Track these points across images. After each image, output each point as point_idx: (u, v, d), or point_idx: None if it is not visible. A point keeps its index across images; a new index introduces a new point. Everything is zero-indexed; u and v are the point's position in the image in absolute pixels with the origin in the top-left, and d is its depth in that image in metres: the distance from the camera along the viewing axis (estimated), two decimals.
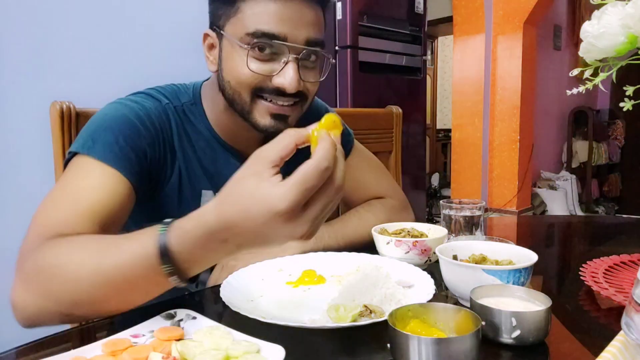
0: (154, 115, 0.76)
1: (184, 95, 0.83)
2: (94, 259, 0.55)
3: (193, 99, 0.83)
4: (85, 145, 0.69)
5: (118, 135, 0.71)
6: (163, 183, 0.79)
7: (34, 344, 0.57)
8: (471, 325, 0.48)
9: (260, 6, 0.70)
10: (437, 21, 5.29)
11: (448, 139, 5.42)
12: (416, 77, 2.80)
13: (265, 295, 0.68)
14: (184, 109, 0.81)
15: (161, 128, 0.77)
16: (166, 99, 0.80)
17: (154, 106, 0.78)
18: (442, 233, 0.81)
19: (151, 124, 0.75)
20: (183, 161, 0.80)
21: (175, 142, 0.79)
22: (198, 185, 0.81)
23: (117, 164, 0.68)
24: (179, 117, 0.80)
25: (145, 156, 0.74)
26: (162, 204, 0.80)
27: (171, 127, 0.79)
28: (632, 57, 0.61)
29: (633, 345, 0.46)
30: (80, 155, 0.69)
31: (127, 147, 0.71)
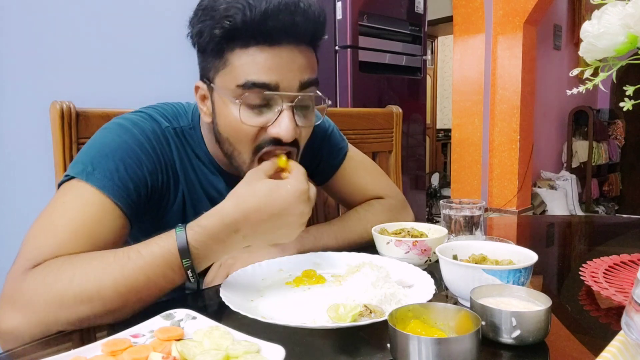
0: (154, 139, 0.75)
1: (183, 118, 0.81)
2: (117, 266, 0.60)
3: (192, 122, 0.81)
4: (84, 171, 0.67)
5: (119, 163, 0.69)
6: (168, 207, 0.79)
7: (34, 344, 0.57)
8: (471, 325, 0.48)
9: (249, 57, 0.67)
10: (437, 21, 5.29)
11: (448, 139, 5.42)
12: (416, 77, 2.80)
13: (265, 295, 0.68)
14: (183, 132, 0.80)
15: (162, 152, 0.76)
16: (166, 121, 0.79)
17: (154, 129, 0.76)
18: (442, 233, 0.81)
19: (152, 150, 0.74)
20: (185, 185, 0.80)
21: (177, 165, 0.79)
22: (200, 208, 0.80)
23: (114, 194, 0.67)
24: (179, 141, 0.79)
25: (146, 184, 0.73)
26: (166, 227, 0.80)
27: (172, 150, 0.78)
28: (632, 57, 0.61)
29: (633, 345, 0.47)
30: (78, 180, 0.67)
31: (126, 177, 0.69)
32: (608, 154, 4.96)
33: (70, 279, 0.58)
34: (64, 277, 0.59)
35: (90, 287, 0.58)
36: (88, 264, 0.60)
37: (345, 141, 1.02)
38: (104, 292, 0.59)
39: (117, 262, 0.60)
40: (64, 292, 0.58)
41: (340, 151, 0.99)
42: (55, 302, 0.58)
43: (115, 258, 0.61)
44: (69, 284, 0.58)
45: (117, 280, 0.59)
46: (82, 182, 0.67)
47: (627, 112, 0.65)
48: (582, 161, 4.81)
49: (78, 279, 0.58)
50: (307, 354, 0.53)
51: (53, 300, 0.58)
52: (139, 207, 0.72)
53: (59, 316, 0.58)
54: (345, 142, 1.02)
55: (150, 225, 0.79)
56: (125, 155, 0.71)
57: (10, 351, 0.56)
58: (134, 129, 0.74)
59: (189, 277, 0.63)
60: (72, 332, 0.59)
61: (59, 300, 0.58)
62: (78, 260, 0.61)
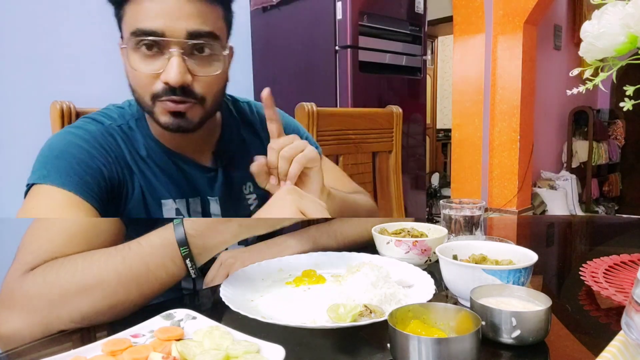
0: (99, 137, 0.76)
1: (128, 113, 0.82)
2: (119, 257, 0.62)
3: (137, 113, 0.82)
4: (41, 176, 0.68)
5: (71, 160, 0.70)
6: (127, 199, 0.79)
7: (34, 344, 0.57)
8: (471, 325, 0.48)
9: (138, 5, 0.69)
10: (437, 21, 5.29)
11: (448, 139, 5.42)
12: (416, 77, 2.80)
13: (265, 295, 0.68)
14: (129, 126, 0.80)
15: (110, 148, 0.76)
16: (108, 120, 0.79)
17: (97, 129, 0.77)
18: (442, 233, 0.81)
19: (99, 145, 0.75)
20: (141, 176, 0.80)
21: (128, 159, 0.79)
22: (158, 195, 0.82)
23: (75, 189, 0.68)
24: (125, 135, 0.79)
25: (103, 177, 0.73)
26: (132, 218, 0.81)
27: (119, 145, 0.78)
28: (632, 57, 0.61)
29: (633, 345, 0.46)
30: (38, 186, 0.68)
31: (81, 171, 0.70)
32: (608, 154, 4.95)
33: (73, 273, 0.60)
34: (65, 272, 0.60)
35: (92, 278, 0.59)
36: (90, 257, 0.62)
37: (319, 148, 1.03)
38: (106, 282, 0.60)
39: (119, 253, 0.63)
40: (67, 286, 0.59)
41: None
42: (57, 297, 0.58)
43: (116, 250, 0.63)
44: (71, 277, 0.59)
45: (118, 269, 0.61)
46: (42, 186, 0.68)
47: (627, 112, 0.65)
48: (582, 161, 4.80)
49: (80, 272, 0.60)
50: (307, 354, 0.53)
51: (55, 296, 0.58)
52: (102, 198, 0.72)
53: (60, 313, 0.58)
54: (319, 148, 1.03)
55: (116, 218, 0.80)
56: (75, 152, 0.72)
57: (10, 351, 0.56)
58: (77, 131, 0.75)
59: (189, 269, 0.64)
60: (72, 332, 0.59)
61: (61, 295, 0.58)
62: (79, 256, 0.63)
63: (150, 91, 0.72)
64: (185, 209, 0.84)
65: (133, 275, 0.61)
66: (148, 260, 0.62)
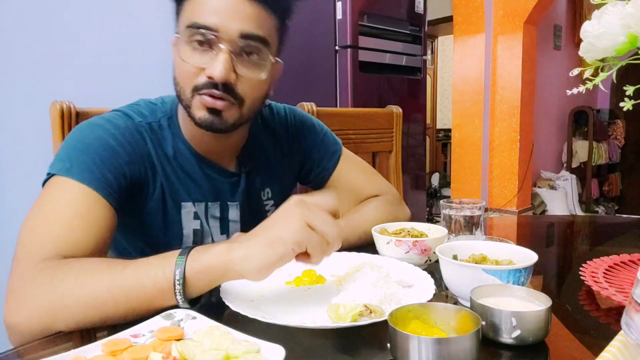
0: (127, 133, 0.77)
1: (160, 110, 0.83)
2: (117, 278, 0.60)
3: (169, 111, 0.83)
4: (63, 168, 0.70)
5: (94, 156, 0.71)
6: (147, 198, 0.80)
7: (34, 344, 0.57)
8: (471, 325, 0.48)
9: (200, 0, 0.72)
10: (437, 21, 5.29)
11: (448, 139, 5.42)
12: (416, 77, 2.80)
13: (265, 295, 0.68)
14: (160, 124, 0.81)
15: (137, 146, 0.77)
16: (140, 117, 0.80)
17: (127, 125, 0.78)
18: (442, 233, 0.81)
19: (127, 142, 0.76)
20: (163, 176, 0.81)
21: (154, 158, 0.80)
22: (178, 198, 0.82)
23: (95, 185, 0.69)
24: (153, 135, 0.80)
25: (124, 176, 0.74)
26: (147, 218, 0.81)
27: (147, 144, 0.79)
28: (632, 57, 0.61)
29: (633, 345, 0.46)
30: (59, 177, 0.69)
31: (104, 168, 0.71)
32: (608, 154, 4.96)
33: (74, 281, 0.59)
34: (68, 278, 0.60)
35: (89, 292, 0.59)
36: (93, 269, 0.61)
37: (339, 143, 1.03)
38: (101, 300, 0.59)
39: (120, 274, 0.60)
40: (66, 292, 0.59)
41: (334, 154, 1.01)
42: (57, 300, 0.58)
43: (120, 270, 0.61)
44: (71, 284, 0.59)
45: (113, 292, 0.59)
46: (63, 178, 0.69)
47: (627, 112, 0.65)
48: (582, 161, 4.80)
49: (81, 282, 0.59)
50: (307, 354, 0.53)
51: (55, 299, 0.58)
52: (121, 197, 0.73)
53: (57, 316, 0.58)
54: (339, 144, 1.03)
55: (135, 218, 0.80)
56: (100, 149, 0.73)
57: (10, 351, 0.56)
58: (107, 125, 0.76)
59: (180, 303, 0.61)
60: (72, 332, 0.59)
61: (60, 299, 0.58)
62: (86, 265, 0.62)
63: (192, 83, 0.73)
64: (203, 213, 0.85)
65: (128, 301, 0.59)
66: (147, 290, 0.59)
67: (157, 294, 0.59)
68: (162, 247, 0.66)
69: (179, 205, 0.83)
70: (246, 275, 0.59)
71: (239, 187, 0.88)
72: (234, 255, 0.59)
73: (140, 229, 0.82)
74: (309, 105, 1.28)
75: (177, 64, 0.75)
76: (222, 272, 0.60)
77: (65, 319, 0.59)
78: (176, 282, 0.59)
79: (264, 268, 0.59)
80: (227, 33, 0.71)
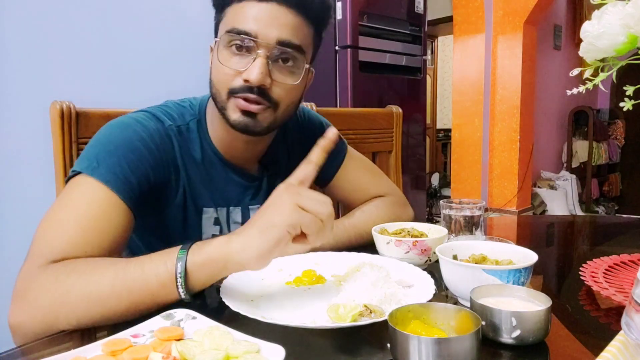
0: (157, 137, 0.78)
1: (189, 113, 0.84)
2: (119, 273, 0.60)
3: (198, 114, 0.84)
4: (90, 167, 0.70)
5: (121, 159, 0.72)
6: (168, 202, 0.81)
7: (34, 344, 0.57)
8: (471, 325, 0.48)
9: (240, 8, 0.74)
10: (437, 21, 5.29)
11: (448, 139, 5.42)
12: (416, 77, 2.80)
13: (265, 295, 0.68)
14: (188, 126, 0.83)
15: (164, 150, 0.78)
16: (170, 119, 0.81)
17: (157, 128, 0.78)
18: (442, 233, 0.81)
19: (155, 147, 0.77)
20: (187, 180, 0.82)
21: (179, 162, 0.81)
22: (200, 202, 0.83)
23: (118, 188, 0.70)
24: (181, 138, 0.81)
25: (148, 180, 0.75)
26: (167, 221, 0.82)
27: (174, 148, 0.80)
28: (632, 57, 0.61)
29: (633, 345, 0.46)
30: (84, 176, 0.70)
31: (129, 172, 0.72)
32: (608, 154, 4.96)
33: (76, 279, 0.60)
34: (72, 276, 0.60)
35: (92, 289, 0.59)
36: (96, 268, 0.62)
37: (344, 143, 1.04)
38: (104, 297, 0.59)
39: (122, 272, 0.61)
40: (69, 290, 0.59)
41: (340, 152, 1.01)
42: (59, 298, 0.58)
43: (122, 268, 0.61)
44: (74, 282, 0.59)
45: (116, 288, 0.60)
46: (87, 177, 0.69)
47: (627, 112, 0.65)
48: (582, 161, 4.80)
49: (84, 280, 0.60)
50: (307, 354, 0.53)
51: (57, 297, 0.58)
52: (142, 201, 0.74)
53: (59, 314, 0.58)
54: (345, 143, 1.04)
55: (153, 220, 0.81)
56: (129, 151, 0.73)
57: (10, 351, 0.56)
58: (137, 127, 0.77)
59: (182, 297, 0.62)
60: (72, 332, 0.59)
61: (62, 297, 0.58)
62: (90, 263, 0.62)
63: (228, 86, 0.75)
64: (225, 218, 0.86)
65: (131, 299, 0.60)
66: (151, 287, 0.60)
67: (159, 288, 0.60)
68: None
69: (200, 211, 0.84)
70: (246, 264, 0.60)
71: (260, 190, 0.89)
72: (232, 246, 0.60)
73: (159, 232, 0.83)
74: (309, 105, 1.28)
75: (215, 67, 0.77)
76: (222, 263, 0.61)
77: (67, 316, 0.59)
78: (178, 275, 0.60)
79: (263, 255, 0.60)
80: (265, 39, 0.73)
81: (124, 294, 0.59)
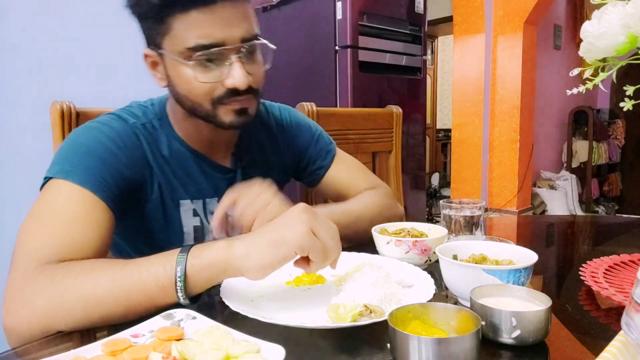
0: (124, 135, 0.78)
1: (151, 112, 0.84)
2: (117, 276, 0.60)
3: (160, 113, 0.84)
4: (63, 171, 0.70)
5: (95, 159, 0.72)
6: (146, 199, 0.81)
7: (34, 344, 0.57)
8: (471, 325, 0.48)
9: (191, 20, 0.70)
10: (437, 21, 5.29)
11: (448, 139, 5.42)
12: (416, 77, 2.80)
13: (265, 295, 0.68)
14: (153, 124, 0.82)
15: (133, 147, 0.78)
16: (133, 118, 0.81)
17: (122, 127, 0.79)
18: (442, 233, 0.81)
19: (124, 145, 0.77)
20: (161, 176, 0.82)
21: (150, 159, 0.80)
22: (176, 196, 0.83)
23: (95, 188, 0.69)
24: (148, 134, 0.81)
25: (123, 177, 0.75)
26: (147, 218, 0.82)
27: (142, 145, 0.80)
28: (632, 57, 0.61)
29: (633, 345, 0.46)
30: (59, 180, 0.69)
31: (104, 171, 0.72)
32: (608, 154, 4.95)
33: (73, 281, 0.60)
34: (68, 278, 0.60)
35: (89, 290, 0.59)
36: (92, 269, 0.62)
37: (333, 143, 1.07)
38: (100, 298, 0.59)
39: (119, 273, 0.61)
40: (65, 292, 0.59)
41: (329, 153, 1.04)
42: (56, 300, 0.58)
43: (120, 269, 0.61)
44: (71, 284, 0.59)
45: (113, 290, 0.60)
46: (62, 181, 0.69)
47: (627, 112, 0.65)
48: (582, 161, 4.80)
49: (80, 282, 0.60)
50: (307, 354, 0.53)
51: (54, 299, 0.58)
52: (120, 200, 0.74)
53: (56, 316, 0.58)
54: (334, 143, 1.07)
55: (134, 219, 0.81)
56: (100, 152, 0.73)
57: (10, 351, 0.56)
58: (103, 128, 0.77)
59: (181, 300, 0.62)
60: (72, 332, 0.59)
61: (59, 299, 0.58)
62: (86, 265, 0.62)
63: (211, 97, 0.75)
64: (202, 210, 0.86)
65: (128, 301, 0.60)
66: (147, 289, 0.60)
67: (158, 291, 0.60)
68: (164, 247, 0.66)
69: (178, 203, 0.84)
70: (245, 272, 0.60)
71: (235, 182, 0.89)
72: (235, 252, 0.60)
73: (142, 230, 0.83)
74: (309, 105, 1.28)
75: (187, 83, 0.75)
76: (222, 268, 0.61)
77: (64, 318, 0.59)
78: (177, 279, 0.59)
79: (265, 267, 0.59)
80: (232, 43, 0.73)
81: (121, 297, 0.59)
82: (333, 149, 1.05)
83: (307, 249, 0.60)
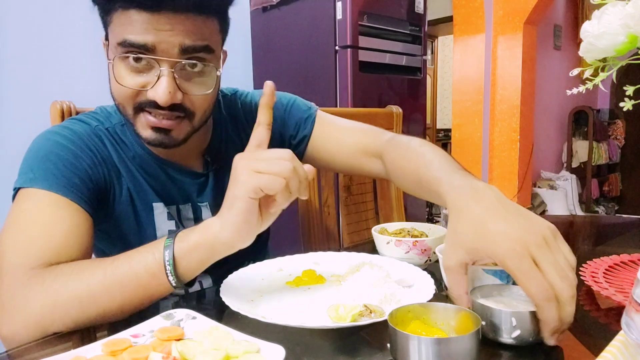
0: (85, 137, 0.75)
1: (115, 117, 0.81)
2: (108, 270, 0.60)
3: (124, 119, 0.78)
4: (27, 180, 0.68)
5: (56, 162, 0.69)
6: (115, 202, 0.78)
7: (34, 344, 0.57)
8: (471, 325, 0.48)
9: (128, 15, 0.65)
10: (437, 21, 5.29)
11: (448, 139, 5.42)
12: (416, 77, 2.80)
13: (265, 295, 0.68)
14: (115, 129, 0.79)
15: (96, 148, 0.75)
16: (96, 121, 0.79)
17: (84, 129, 0.76)
18: (442, 233, 0.81)
19: (86, 146, 0.74)
20: (129, 178, 0.79)
21: (116, 161, 0.78)
22: (148, 199, 0.80)
23: (63, 191, 0.68)
24: (112, 138, 0.78)
25: (89, 177, 0.72)
26: (119, 220, 0.79)
27: (107, 147, 0.77)
28: (632, 57, 0.61)
29: (633, 345, 0.46)
30: (25, 189, 0.68)
31: (69, 173, 0.69)
32: (608, 154, 4.95)
33: (66, 281, 0.60)
34: (60, 279, 0.60)
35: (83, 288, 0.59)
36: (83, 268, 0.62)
37: (312, 108, 0.97)
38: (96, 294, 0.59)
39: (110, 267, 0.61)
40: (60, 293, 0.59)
41: (308, 118, 0.95)
42: (51, 302, 0.58)
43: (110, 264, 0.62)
44: (64, 284, 0.59)
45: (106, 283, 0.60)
46: (29, 189, 0.68)
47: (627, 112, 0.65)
48: (582, 161, 4.80)
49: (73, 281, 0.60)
50: (307, 354, 0.53)
51: (49, 302, 0.58)
52: (92, 200, 0.72)
53: (54, 318, 0.59)
54: (313, 107, 0.97)
55: (105, 222, 0.79)
56: (61, 153, 0.71)
57: (10, 351, 0.56)
58: (64, 132, 0.74)
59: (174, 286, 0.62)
60: (72, 332, 0.59)
61: (54, 301, 0.58)
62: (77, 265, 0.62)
63: (134, 102, 0.70)
64: (176, 215, 0.83)
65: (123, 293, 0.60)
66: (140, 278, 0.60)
67: (149, 278, 0.60)
68: None
69: (150, 207, 0.81)
70: (230, 243, 0.61)
71: (206, 187, 0.85)
72: (213, 229, 0.61)
73: (115, 234, 0.80)
74: None
75: (112, 80, 0.70)
76: (209, 247, 0.61)
77: (61, 319, 0.58)
78: (166, 264, 0.60)
79: (240, 230, 0.60)
80: (166, 52, 0.66)
81: (115, 290, 0.59)
82: (313, 113, 0.95)
83: (257, 189, 0.58)
